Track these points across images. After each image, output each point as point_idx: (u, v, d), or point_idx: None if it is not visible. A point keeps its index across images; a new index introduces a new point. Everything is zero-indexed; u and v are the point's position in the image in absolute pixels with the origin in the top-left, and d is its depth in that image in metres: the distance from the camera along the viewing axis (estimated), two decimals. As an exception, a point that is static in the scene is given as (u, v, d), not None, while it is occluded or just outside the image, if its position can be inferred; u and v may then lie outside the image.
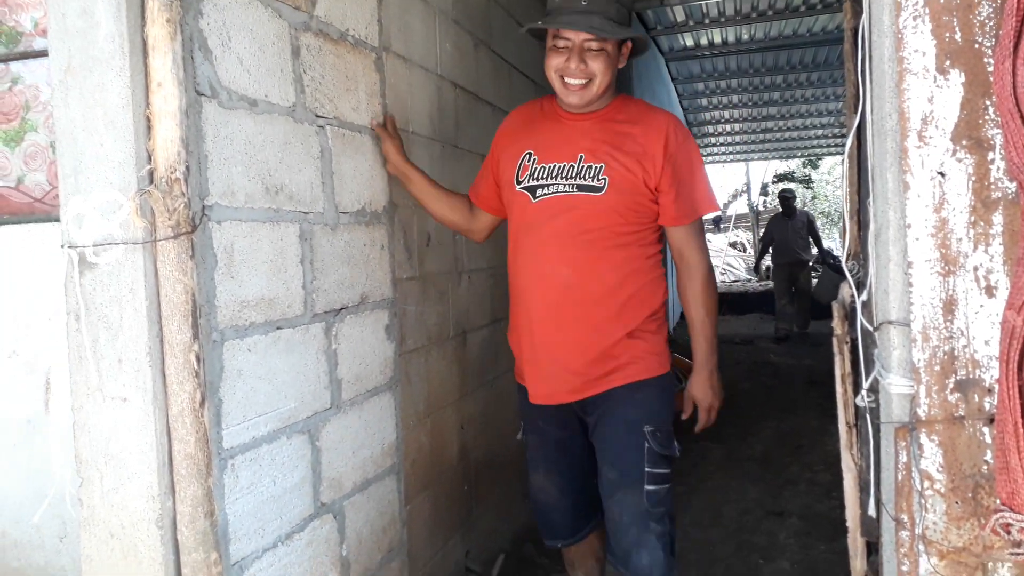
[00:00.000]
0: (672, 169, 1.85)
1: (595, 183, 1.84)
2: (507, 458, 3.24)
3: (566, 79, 1.84)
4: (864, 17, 1.13)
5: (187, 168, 1.38)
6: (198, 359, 1.39)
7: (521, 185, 1.94)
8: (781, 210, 9.04)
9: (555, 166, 1.89)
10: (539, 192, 1.90)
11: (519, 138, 1.99)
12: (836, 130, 14.13)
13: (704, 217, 2.00)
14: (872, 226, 1.08)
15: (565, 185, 1.87)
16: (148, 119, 1.36)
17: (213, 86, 1.47)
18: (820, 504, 3.46)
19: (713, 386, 1.96)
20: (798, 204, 9.14)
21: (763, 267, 13.33)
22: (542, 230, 1.89)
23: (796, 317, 8.77)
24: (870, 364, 1.10)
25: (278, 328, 1.66)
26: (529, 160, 1.94)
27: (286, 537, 1.67)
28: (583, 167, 1.86)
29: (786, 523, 3.33)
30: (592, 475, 2.04)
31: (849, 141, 1.19)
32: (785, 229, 8.75)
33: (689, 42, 9.04)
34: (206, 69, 1.45)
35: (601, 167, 1.84)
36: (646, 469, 1.86)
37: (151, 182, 1.36)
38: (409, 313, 2.31)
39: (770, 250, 9.23)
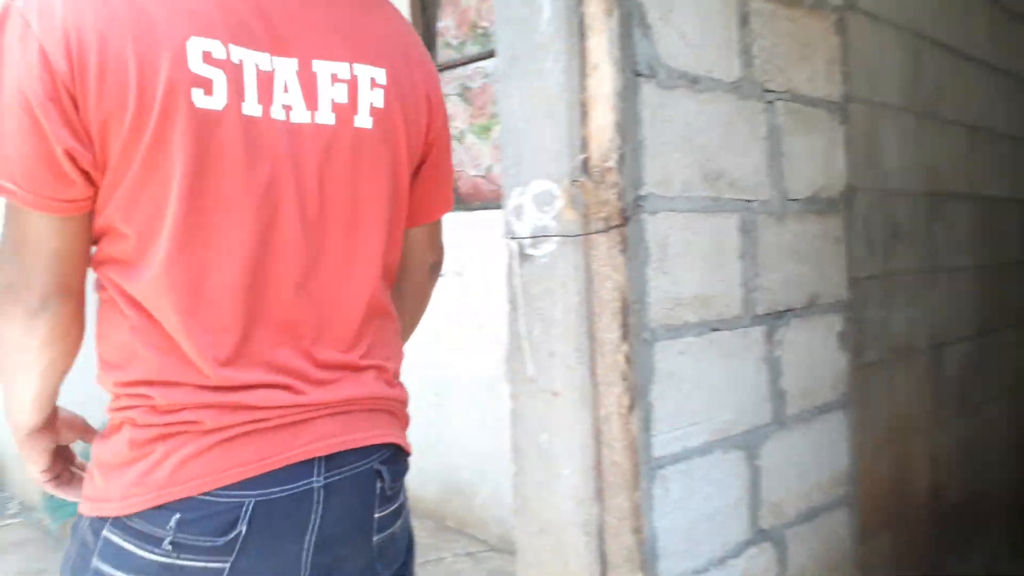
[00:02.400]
0: None
1: None
2: (991, 504, 2.62)
3: None
4: None
5: (620, 156, 1.30)
6: (627, 359, 1.30)
7: None
8: None
9: None
10: None
11: None
12: None
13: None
14: None
15: None
16: (583, 105, 1.30)
17: (652, 65, 1.36)
18: None
19: None
20: None
21: None
22: None
23: None
24: None
25: (713, 330, 1.49)
26: None
27: (719, 561, 1.50)
28: None
29: None
30: None
31: None
32: None
33: None
34: (644, 47, 1.35)
35: None
36: None
37: (584, 172, 1.30)
38: (867, 319, 1.96)
39: None
